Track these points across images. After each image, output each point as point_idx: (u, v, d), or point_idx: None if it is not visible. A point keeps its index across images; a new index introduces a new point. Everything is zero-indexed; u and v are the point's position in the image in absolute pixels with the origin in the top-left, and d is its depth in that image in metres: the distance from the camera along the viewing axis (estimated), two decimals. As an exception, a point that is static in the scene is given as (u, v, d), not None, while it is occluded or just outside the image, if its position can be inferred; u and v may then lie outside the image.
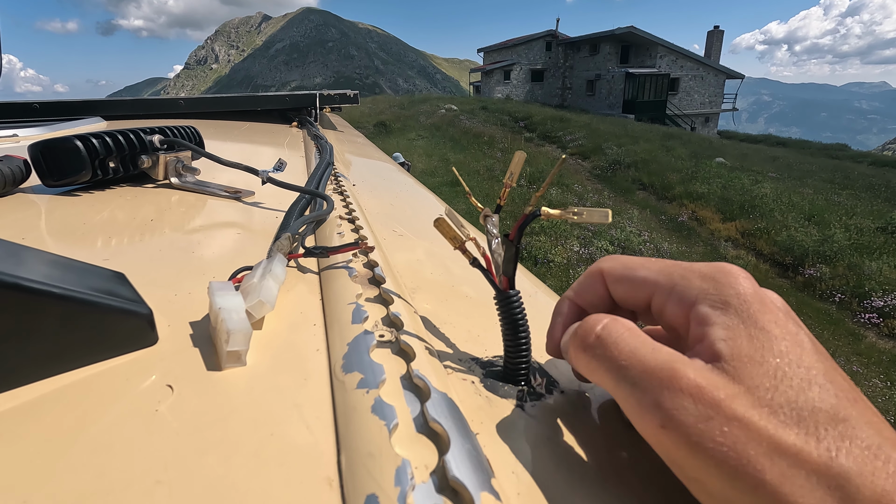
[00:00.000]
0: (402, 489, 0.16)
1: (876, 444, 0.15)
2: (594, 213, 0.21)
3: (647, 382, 0.17)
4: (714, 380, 0.16)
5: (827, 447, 0.15)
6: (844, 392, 0.16)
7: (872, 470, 0.14)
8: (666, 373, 0.17)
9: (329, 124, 1.52)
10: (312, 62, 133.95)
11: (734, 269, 0.19)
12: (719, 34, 19.86)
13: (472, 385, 0.23)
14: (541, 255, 5.66)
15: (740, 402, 0.16)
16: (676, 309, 0.20)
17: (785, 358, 0.16)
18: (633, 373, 0.18)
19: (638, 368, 0.17)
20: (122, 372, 0.22)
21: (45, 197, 0.49)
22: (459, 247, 0.24)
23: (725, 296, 0.18)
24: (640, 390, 0.17)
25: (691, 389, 0.16)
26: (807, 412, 0.15)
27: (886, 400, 3.99)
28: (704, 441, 0.15)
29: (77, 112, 1.20)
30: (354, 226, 0.43)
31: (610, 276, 0.22)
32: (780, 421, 0.15)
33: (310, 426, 0.19)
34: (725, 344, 0.17)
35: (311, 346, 0.25)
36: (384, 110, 13.87)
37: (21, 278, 0.20)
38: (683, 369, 0.17)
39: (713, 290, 0.19)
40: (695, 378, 0.16)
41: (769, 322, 0.17)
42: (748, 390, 0.16)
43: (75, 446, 0.18)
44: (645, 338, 0.19)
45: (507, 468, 0.18)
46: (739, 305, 0.18)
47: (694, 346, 0.18)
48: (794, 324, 0.18)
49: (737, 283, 0.19)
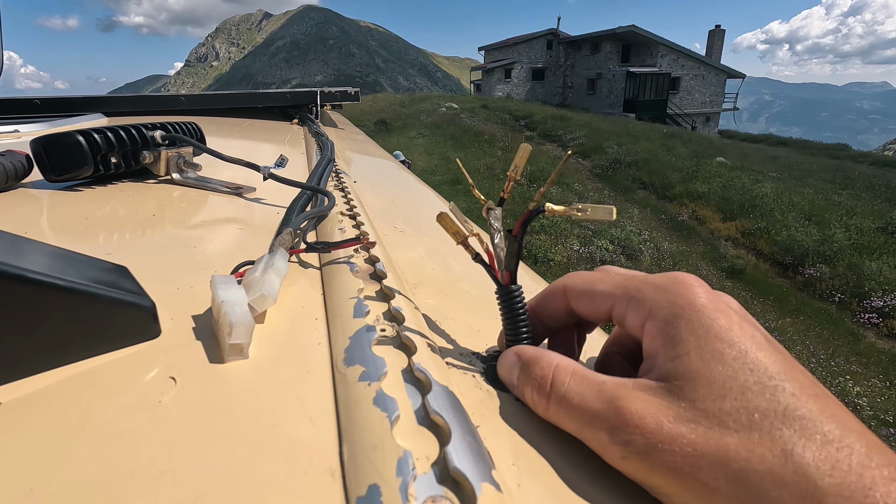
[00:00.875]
0: (404, 479, 0.16)
1: (838, 436, 0.15)
2: (598, 209, 0.21)
3: (600, 425, 0.18)
4: (657, 406, 0.17)
5: (782, 447, 0.15)
6: (803, 389, 0.16)
7: (833, 463, 0.14)
8: (612, 413, 0.18)
9: (330, 122, 1.52)
10: (313, 60, 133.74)
11: (687, 278, 0.20)
12: (720, 33, 19.83)
13: (472, 378, 0.24)
14: (541, 254, 5.66)
15: (683, 420, 0.17)
16: (634, 320, 0.20)
17: (735, 364, 0.17)
18: (587, 419, 0.19)
19: (589, 415, 0.19)
20: (125, 364, 0.22)
21: (47, 192, 0.49)
22: (462, 242, 0.25)
23: (677, 307, 0.19)
24: (595, 432, 0.18)
25: (636, 423, 0.17)
26: (758, 415, 0.16)
27: (885, 400, 4.00)
28: (657, 465, 0.17)
29: (78, 108, 1.20)
30: (356, 222, 0.43)
31: (572, 291, 0.23)
32: (728, 428, 0.16)
33: (312, 418, 0.20)
34: (673, 364, 0.18)
35: (312, 340, 0.25)
36: (385, 108, 13.86)
37: (26, 270, 0.20)
38: (627, 406, 0.18)
39: (666, 301, 0.19)
40: (637, 411, 0.17)
41: (722, 329, 0.18)
42: (692, 405, 0.17)
43: (81, 437, 0.18)
44: (588, 379, 0.20)
45: (508, 460, 0.19)
46: (691, 315, 0.18)
47: (647, 359, 0.19)
48: (749, 326, 0.18)
49: (689, 293, 0.19)
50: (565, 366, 0.20)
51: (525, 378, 0.21)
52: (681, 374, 0.17)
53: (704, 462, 0.16)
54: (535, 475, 0.18)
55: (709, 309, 0.18)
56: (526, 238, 0.26)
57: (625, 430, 0.17)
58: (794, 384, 0.16)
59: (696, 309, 0.18)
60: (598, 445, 0.18)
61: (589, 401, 0.19)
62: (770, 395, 0.16)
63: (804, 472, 0.14)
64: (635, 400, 0.18)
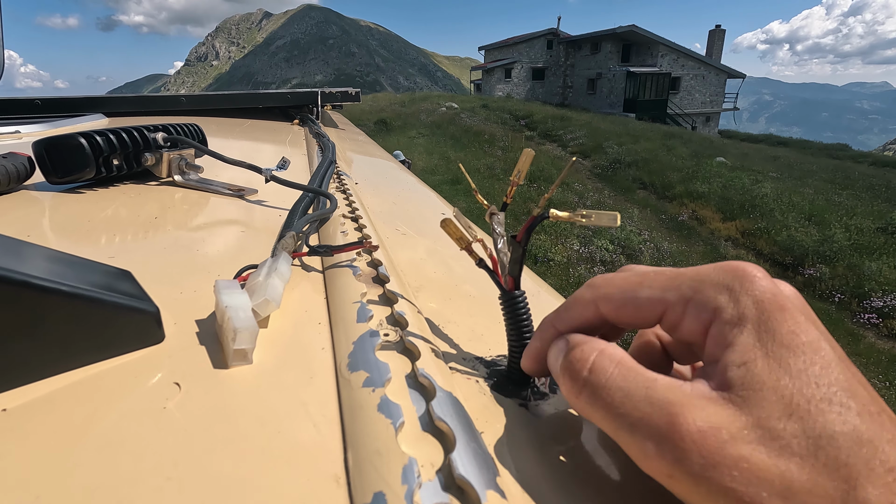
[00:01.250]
0: (410, 487, 0.16)
1: None
2: (603, 216, 0.21)
3: (646, 431, 0.16)
4: (718, 418, 0.15)
5: (846, 477, 0.14)
6: (866, 406, 0.15)
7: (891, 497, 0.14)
8: (665, 421, 0.16)
9: (330, 122, 1.52)
10: (313, 59, 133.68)
11: (748, 270, 0.18)
12: (721, 33, 19.83)
13: (476, 384, 0.24)
14: (541, 254, 5.66)
15: (747, 441, 0.15)
16: (694, 326, 0.18)
17: (803, 376, 0.16)
18: (630, 421, 0.17)
19: (633, 417, 0.16)
20: (130, 369, 0.22)
21: (49, 194, 0.49)
22: (466, 248, 0.25)
23: (743, 307, 0.17)
24: (639, 440, 0.16)
25: (693, 437, 0.15)
26: (825, 440, 0.14)
27: (886, 400, 4.00)
28: (713, 489, 0.15)
29: (78, 109, 1.20)
30: (358, 224, 0.43)
31: (608, 302, 0.20)
32: (793, 454, 0.15)
33: (316, 424, 0.20)
34: (738, 371, 0.16)
35: (316, 345, 0.25)
36: (385, 108, 13.86)
37: (29, 276, 0.20)
38: (683, 415, 0.16)
39: (730, 302, 0.17)
40: (695, 423, 0.15)
41: (788, 333, 0.16)
42: (757, 423, 0.15)
43: (85, 442, 0.18)
44: (637, 374, 0.18)
45: (512, 466, 0.19)
46: (758, 317, 0.17)
47: (707, 364, 0.18)
48: (814, 329, 0.17)
49: (753, 289, 0.17)
50: (611, 353, 0.18)
51: (565, 363, 0.19)
52: (747, 385, 0.16)
53: (766, 490, 0.14)
54: (540, 482, 0.18)
55: (776, 307, 0.17)
56: (528, 240, 0.26)
57: (678, 446, 0.15)
58: (858, 402, 0.15)
59: (763, 309, 0.17)
60: (640, 455, 0.16)
61: (635, 400, 0.17)
62: (836, 414, 0.15)
63: None
64: (693, 409, 0.16)
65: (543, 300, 0.38)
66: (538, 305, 0.36)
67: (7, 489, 0.16)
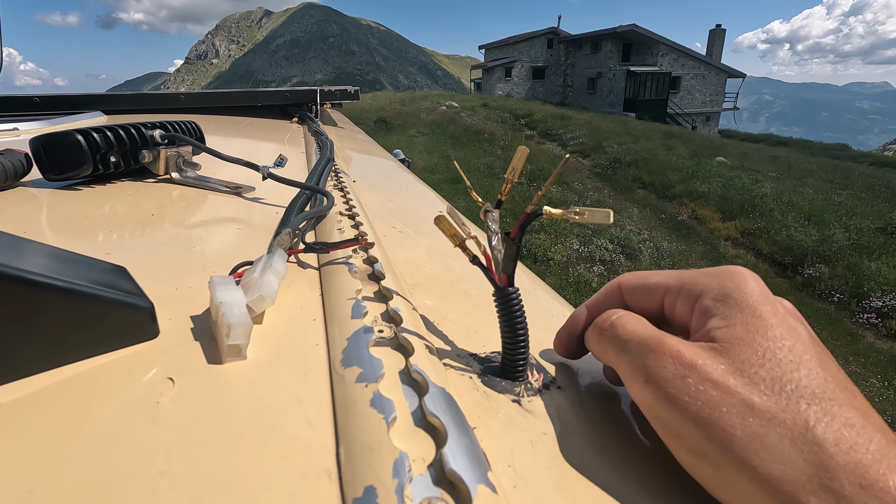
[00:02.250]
0: (400, 481, 0.16)
1: (859, 423, 0.15)
2: (596, 213, 0.22)
3: (639, 349, 0.20)
4: (698, 352, 0.18)
5: (805, 418, 0.16)
6: (835, 378, 0.17)
7: (851, 444, 0.15)
8: (654, 341, 0.19)
9: (329, 120, 1.52)
10: (313, 58, 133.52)
11: (741, 270, 0.21)
12: (721, 33, 19.80)
13: (470, 380, 0.24)
14: (540, 253, 5.66)
15: (718, 370, 0.17)
16: (684, 306, 0.21)
17: (777, 342, 0.18)
18: (630, 345, 0.20)
19: (634, 341, 0.20)
20: (124, 364, 0.22)
21: (47, 191, 0.49)
22: (460, 244, 0.25)
23: (727, 289, 0.20)
24: (633, 356, 0.20)
25: (672, 352, 0.18)
26: (790, 387, 0.16)
27: (883, 400, 4.01)
28: (680, 395, 0.17)
29: (77, 106, 1.20)
30: (354, 222, 0.43)
31: (626, 286, 0.25)
32: (759, 389, 0.17)
33: (310, 419, 0.20)
34: (720, 331, 0.19)
35: (310, 341, 0.25)
36: (385, 107, 13.84)
37: (24, 271, 0.20)
38: (670, 340, 0.19)
39: (716, 284, 0.20)
40: (677, 346, 0.19)
41: (767, 312, 0.19)
42: (732, 363, 0.18)
43: (79, 437, 0.18)
44: (647, 323, 0.21)
45: (504, 462, 0.19)
46: (739, 297, 0.19)
47: (693, 333, 0.20)
48: (794, 320, 0.19)
49: (740, 280, 0.20)
50: (633, 314, 0.22)
51: (594, 323, 0.23)
52: (726, 339, 0.18)
53: (727, 408, 0.16)
54: (531, 477, 0.18)
55: (757, 295, 0.19)
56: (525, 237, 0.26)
57: (659, 355, 0.19)
58: (826, 372, 0.17)
59: (745, 293, 0.19)
60: (628, 368, 0.20)
61: (640, 331, 0.21)
62: (804, 374, 0.17)
63: (821, 445, 0.15)
64: (679, 341, 0.19)
65: (539, 298, 0.38)
66: (533, 303, 0.36)
67: (1, 483, 0.16)
